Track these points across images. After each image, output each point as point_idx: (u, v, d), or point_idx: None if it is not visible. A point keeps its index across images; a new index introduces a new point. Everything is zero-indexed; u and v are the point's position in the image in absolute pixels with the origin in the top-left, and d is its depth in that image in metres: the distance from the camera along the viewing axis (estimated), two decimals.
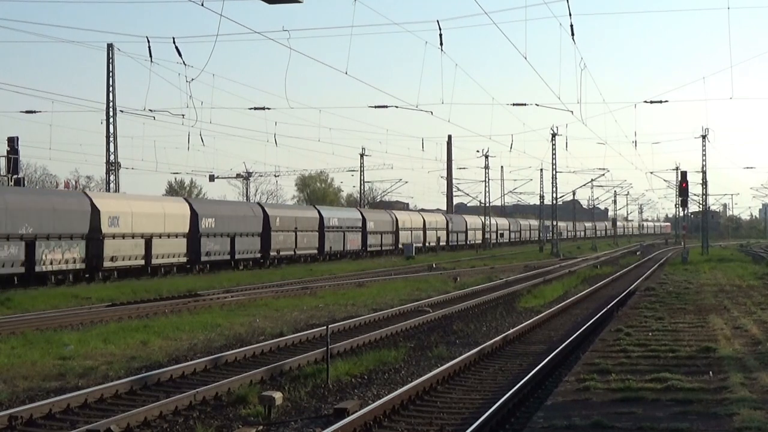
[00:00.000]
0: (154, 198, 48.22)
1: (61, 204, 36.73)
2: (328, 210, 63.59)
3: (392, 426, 11.79)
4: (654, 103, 49.79)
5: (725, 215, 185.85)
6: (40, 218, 34.72)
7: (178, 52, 27.84)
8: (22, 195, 36.78)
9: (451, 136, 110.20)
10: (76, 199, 38.60)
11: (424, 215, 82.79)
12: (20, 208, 34.00)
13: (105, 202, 39.79)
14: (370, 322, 23.40)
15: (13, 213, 33.44)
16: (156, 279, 40.06)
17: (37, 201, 35.92)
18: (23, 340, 19.13)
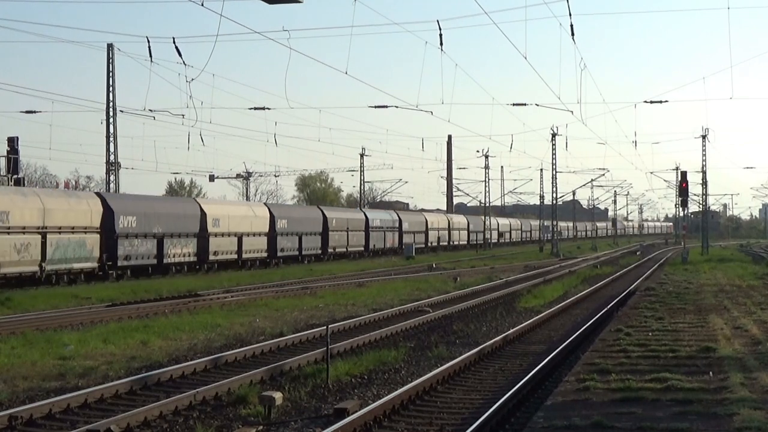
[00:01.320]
0: (242, 203, 58.42)
1: (180, 209, 45.04)
2: (372, 212, 71.04)
3: (392, 426, 11.79)
4: (654, 103, 49.84)
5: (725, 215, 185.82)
6: (167, 221, 42.60)
7: (178, 52, 27.86)
8: (154, 202, 45.03)
9: (451, 136, 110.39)
10: (190, 204, 47.30)
11: (449, 217, 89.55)
12: (153, 213, 41.80)
13: (209, 206, 47.61)
14: (370, 322, 23.40)
15: (149, 216, 41.32)
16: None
17: (164, 207, 44.47)
18: (23, 340, 19.12)
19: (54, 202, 36.25)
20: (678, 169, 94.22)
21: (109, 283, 37.08)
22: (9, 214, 33.13)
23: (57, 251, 35.54)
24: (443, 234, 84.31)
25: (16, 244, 33.35)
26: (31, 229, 34.29)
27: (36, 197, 35.63)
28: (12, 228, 33.30)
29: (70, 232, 36.47)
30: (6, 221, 32.90)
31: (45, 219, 35.01)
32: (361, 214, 67.18)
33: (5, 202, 33.36)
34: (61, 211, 36.13)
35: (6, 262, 32.67)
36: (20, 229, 33.73)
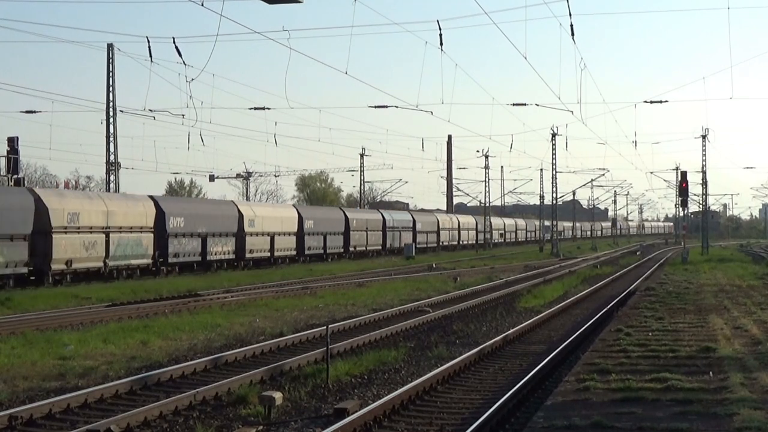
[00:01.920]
0: (273, 205, 62.24)
1: (220, 210, 48.86)
2: (388, 213, 74.18)
3: (392, 426, 11.79)
4: (654, 103, 49.85)
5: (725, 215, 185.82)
6: (210, 221, 46.27)
7: (178, 52, 27.89)
8: (198, 204, 51.34)
9: (451, 136, 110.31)
10: (229, 206, 50.85)
11: (459, 218, 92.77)
12: (198, 214, 45.75)
13: (246, 208, 51.56)
14: (370, 322, 23.40)
15: (194, 217, 45.11)
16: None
17: (207, 208, 48.76)
18: (23, 340, 19.12)
19: (115, 204, 40.13)
20: (678, 169, 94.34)
21: (110, 283, 37.10)
22: (79, 216, 36.94)
23: (118, 249, 39.40)
24: (453, 234, 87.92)
25: (85, 242, 37.27)
26: (97, 228, 38.14)
27: (100, 200, 39.84)
28: (81, 228, 37.08)
29: (128, 231, 40.30)
30: (77, 222, 36.72)
31: (108, 220, 38.84)
32: (379, 215, 70.78)
33: (76, 204, 37.25)
34: (121, 213, 39.96)
35: (77, 258, 36.54)
36: (88, 229, 37.54)
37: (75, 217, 36.63)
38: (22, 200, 34.59)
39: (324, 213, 62.83)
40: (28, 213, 34.25)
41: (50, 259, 35.10)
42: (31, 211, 34.45)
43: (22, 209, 34.11)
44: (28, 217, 34.26)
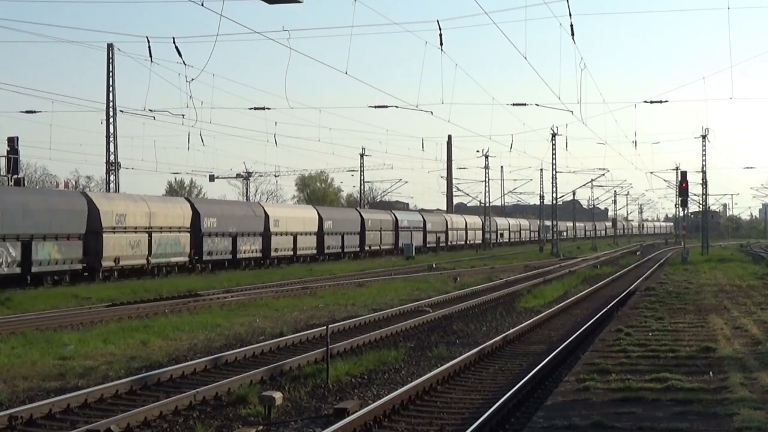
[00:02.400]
0: (296, 206, 65.96)
1: (249, 211, 52.21)
2: (400, 213, 77.71)
3: (392, 426, 11.79)
4: (654, 103, 49.84)
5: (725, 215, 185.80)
6: (239, 221, 49.11)
7: (178, 52, 27.89)
8: (228, 205, 53.15)
9: (451, 136, 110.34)
10: (256, 207, 54.30)
11: (466, 218, 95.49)
12: (229, 215, 48.63)
13: (271, 209, 55.18)
14: (370, 322, 23.40)
15: (226, 218, 47.99)
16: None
17: (237, 209, 51.75)
18: (23, 340, 19.12)
19: (156, 206, 43.29)
20: (678, 169, 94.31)
21: (110, 283, 37.13)
22: (126, 217, 40.20)
23: (159, 247, 42.49)
24: (461, 234, 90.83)
25: (131, 241, 40.41)
26: (140, 229, 41.19)
27: (143, 202, 42.76)
28: (128, 228, 40.32)
29: (168, 231, 43.38)
30: (123, 222, 39.99)
31: (150, 221, 41.88)
32: (392, 216, 73.79)
33: (122, 206, 40.43)
34: (162, 214, 43.00)
35: (124, 255, 39.80)
36: (133, 229, 40.68)
37: (122, 218, 39.90)
38: (76, 203, 37.91)
39: (342, 214, 66.45)
40: (82, 215, 37.55)
41: (101, 257, 38.32)
42: (85, 213, 37.69)
43: (77, 211, 37.38)
44: (82, 219, 37.50)
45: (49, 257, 35.32)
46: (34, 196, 37.53)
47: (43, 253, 35.02)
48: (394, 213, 75.58)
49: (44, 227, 35.10)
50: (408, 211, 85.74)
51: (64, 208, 36.74)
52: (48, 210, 35.62)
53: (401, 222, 74.09)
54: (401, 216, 75.84)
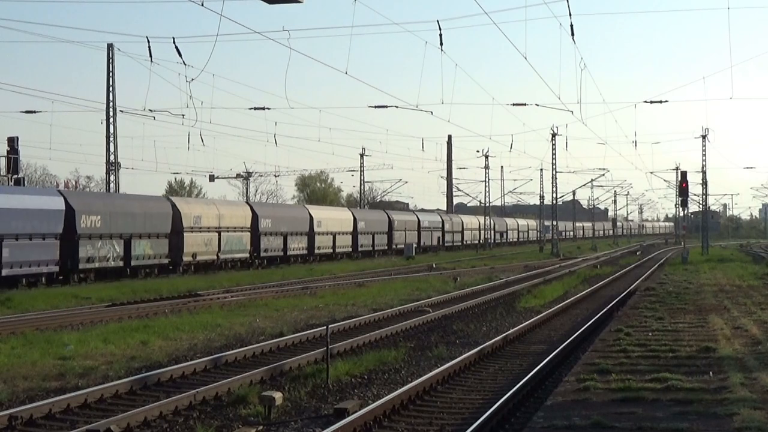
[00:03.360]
0: (335, 208, 72.74)
1: (296, 213, 58.41)
2: (422, 215, 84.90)
3: (392, 426, 11.79)
4: (654, 103, 49.81)
5: (725, 215, 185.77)
6: (288, 222, 55.55)
7: (178, 52, 27.87)
8: (279, 208, 60.90)
9: (451, 136, 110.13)
10: (302, 210, 60.65)
11: (479, 219, 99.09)
12: (281, 216, 55.41)
13: (315, 211, 61.36)
14: (370, 322, 23.40)
15: (278, 219, 54.48)
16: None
17: (286, 211, 58.61)
18: (23, 340, 19.13)
19: (224, 209, 49.57)
20: (678, 169, 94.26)
21: (110, 283, 37.12)
22: (201, 218, 46.00)
23: (227, 244, 48.36)
24: (475, 233, 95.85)
25: (205, 240, 46.32)
26: (212, 228, 46.95)
27: (214, 206, 49.26)
28: (202, 228, 46.09)
29: (233, 231, 49.24)
30: (199, 223, 45.82)
31: (220, 221, 47.69)
32: (415, 217, 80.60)
33: (198, 209, 46.72)
34: (228, 216, 48.82)
35: (200, 252, 45.84)
36: (207, 228, 46.45)
37: (198, 219, 45.79)
38: (164, 207, 44.26)
39: (373, 215, 72.34)
40: (168, 217, 43.62)
41: (182, 252, 44.22)
42: (170, 216, 43.72)
43: (164, 214, 43.44)
44: (168, 220, 43.49)
45: (144, 253, 41.53)
46: (133, 202, 43.10)
47: (139, 249, 41.13)
48: (417, 214, 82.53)
49: (141, 227, 41.26)
50: (429, 212, 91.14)
51: (155, 211, 42.95)
52: (143, 213, 41.83)
53: (423, 222, 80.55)
54: (423, 217, 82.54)
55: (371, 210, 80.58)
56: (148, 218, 41.85)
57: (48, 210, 35.69)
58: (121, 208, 40.85)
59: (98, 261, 38.47)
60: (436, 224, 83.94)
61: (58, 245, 36.01)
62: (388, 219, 72.19)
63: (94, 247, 38.14)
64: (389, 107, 47.74)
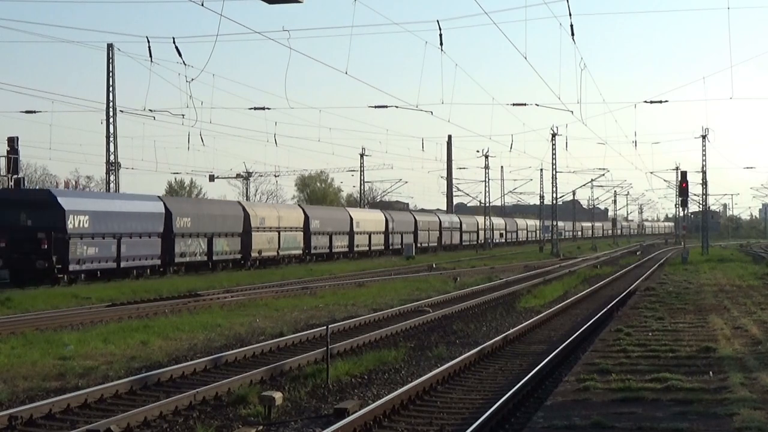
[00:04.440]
0: (369, 210, 78.11)
1: (339, 215, 65.93)
2: (443, 216, 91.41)
3: (392, 426, 11.79)
4: (654, 103, 49.85)
5: (725, 215, 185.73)
6: (333, 223, 62.85)
7: (178, 52, 27.90)
8: (325, 210, 67.81)
9: (451, 136, 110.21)
10: (344, 212, 68.12)
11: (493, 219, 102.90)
12: (326, 217, 62.24)
13: (354, 213, 67.95)
14: (370, 322, 23.40)
15: (325, 220, 61.46)
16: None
17: (331, 213, 66.06)
18: (23, 340, 19.12)
19: (282, 211, 56.53)
20: (678, 169, 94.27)
21: (110, 283, 37.13)
22: (265, 220, 52.68)
23: (285, 243, 55.22)
24: (488, 233, 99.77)
25: (268, 238, 53.06)
26: (273, 228, 53.66)
27: (274, 209, 56.66)
28: (266, 228, 52.78)
29: (290, 230, 56.10)
30: (264, 224, 52.48)
31: (279, 222, 54.49)
32: (437, 218, 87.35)
33: (262, 212, 53.55)
34: (286, 217, 55.75)
35: (264, 249, 52.38)
36: (269, 228, 53.20)
37: (263, 220, 52.25)
38: (237, 209, 50.99)
39: (400, 216, 78.88)
40: (240, 218, 50.02)
41: (250, 249, 50.57)
42: (241, 217, 50.04)
43: (237, 216, 49.99)
44: (240, 221, 49.94)
45: (222, 249, 48.05)
46: (214, 205, 51.65)
47: (219, 246, 47.66)
48: (438, 216, 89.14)
49: (220, 227, 47.82)
50: (450, 214, 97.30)
51: (230, 213, 49.51)
52: (222, 215, 48.58)
53: (444, 223, 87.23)
54: (444, 218, 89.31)
55: (398, 212, 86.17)
56: (225, 219, 48.46)
57: (152, 213, 42.44)
58: (206, 210, 48.13)
59: (189, 256, 45.04)
60: (455, 225, 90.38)
61: (159, 242, 42.54)
62: (414, 220, 79.67)
63: (186, 244, 44.70)
64: (389, 107, 47.85)
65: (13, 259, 35.61)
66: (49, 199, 37.06)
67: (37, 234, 35.70)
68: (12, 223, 36.03)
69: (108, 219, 38.98)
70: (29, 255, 35.36)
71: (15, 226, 35.99)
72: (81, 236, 37.17)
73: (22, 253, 35.47)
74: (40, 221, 36.11)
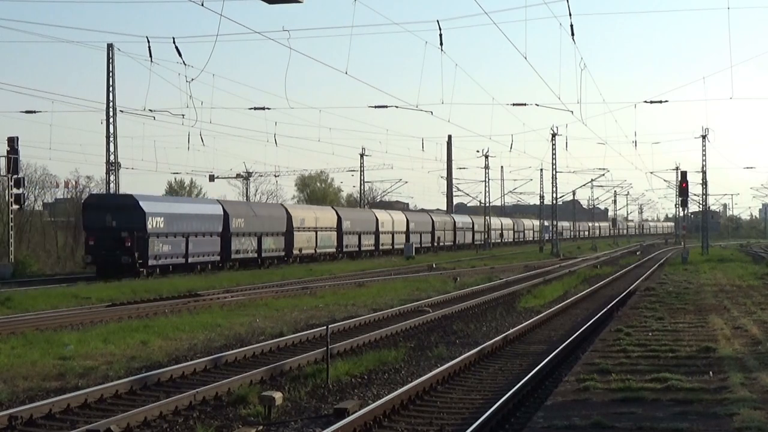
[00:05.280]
0: (393, 212, 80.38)
1: (366, 216, 70.77)
2: (457, 217, 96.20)
3: (392, 426, 11.79)
4: (654, 103, 49.85)
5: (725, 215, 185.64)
6: (361, 223, 67.72)
7: (178, 52, 27.95)
8: (356, 212, 72.58)
9: (451, 136, 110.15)
10: (370, 213, 73.29)
11: (502, 220, 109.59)
12: (356, 218, 67.58)
13: (380, 214, 73.15)
14: (370, 322, 23.40)
15: (354, 221, 66.17)
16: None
17: (359, 214, 70.76)
18: (23, 340, 19.12)
19: (319, 213, 61.40)
20: (678, 169, 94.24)
21: (110, 283, 37.11)
22: (304, 221, 57.74)
23: (321, 241, 60.13)
24: (497, 233, 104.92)
25: (307, 237, 58.09)
26: (311, 228, 58.67)
27: (312, 210, 61.68)
28: (306, 228, 57.84)
29: (325, 230, 60.77)
30: (304, 224, 57.59)
31: (317, 223, 59.41)
32: (451, 218, 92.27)
33: (302, 213, 58.40)
34: (322, 218, 60.47)
35: (304, 247, 57.61)
36: (308, 228, 58.20)
37: (302, 221, 57.40)
38: (280, 212, 56.30)
39: (419, 217, 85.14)
40: (283, 219, 55.27)
41: (292, 247, 55.84)
42: (284, 218, 55.32)
43: (281, 217, 55.19)
44: (283, 222, 55.12)
45: (269, 247, 53.08)
46: (262, 207, 56.88)
47: (266, 244, 52.52)
48: (453, 217, 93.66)
49: (267, 228, 52.79)
50: (462, 215, 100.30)
51: (276, 215, 54.81)
52: (269, 216, 53.65)
53: (458, 223, 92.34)
54: (458, 219, 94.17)
55: (417, 213, 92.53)
56: (272, 220, 53.51)
57: (213, 215, 47.59)
58: (256, 212, 52.72)
59: (242, 253, 49.72)
60: (468, 225, 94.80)
61: (219, 240, 47.54)
62: (431, 221, 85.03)
63: (240, 242, 49.56)
64: (389, 107, 47.86)
65: (101, 255, 40.74)
66: (132, 203, 42.10)
67: (121, 233, 40.86)
68: (99, 225, 41.23)
69: (178, 220, 44.13)
70: (114, 252, 40.46)
71: (102, 227, 41.11)
72: (158, 235, 42.31)
73: (108, 250, 40.47)
74: (124, 222, 41.12)
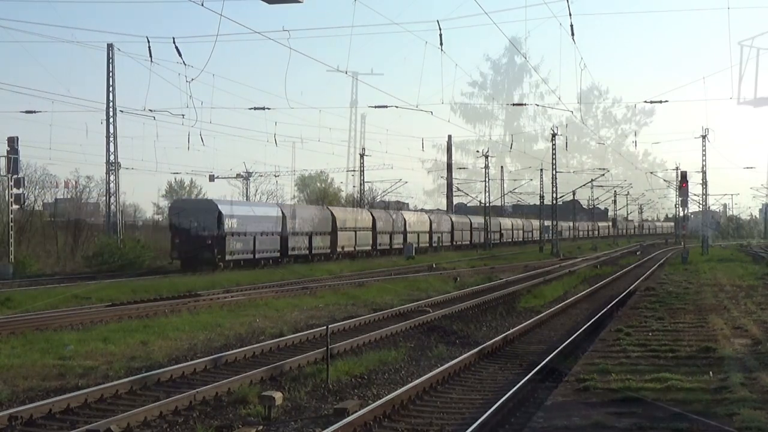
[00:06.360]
0: (417, 212, 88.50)
1: (397, 217, 74.49)
2: (473, 218, 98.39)
3: (392, 426, 11.79)
4: (654, 103, 49.87)
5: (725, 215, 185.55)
6: (393, 224, 72.40)
7: (178, 52, 27.88)
8: (387, 214, 75.13)
9: (451, 136, 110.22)
10: (398, 214, 76.95)
11: (512, 220, 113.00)
12: (387, 220, 71.57)
13: (407, 216, 77.59)
14: (370, 322, 23.39)
15: (386, 222, 71.18)
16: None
17: (391, 216, 73.52)
18: (23, 340, 19.12)
19: (357, 214, 66.83)
20: (678, 169, 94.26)
21: (110, 283, 37.08)
22: (346, 222, 62.80)
23: (359, 240, 64.71)
24: (508, 232, 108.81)
25: (348, 237, 62.84)
26: (351, 228, 63.55)
27: (351, 213, 66.85)
28: (347, 228, 62.80)
29: (363, 230, 65.81)
30: (345, 225, 62.45)
31: (356, 223, 64.53)
32: (468, 219, 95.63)
33: (344, 215, 63.73)
34: (360, 219, 65.96)
35: (346, 245, 62.16)
36: (347, 229, 62.85)
37: (344, 222, 62.49)
38: (326, 213, 61.20)
39: (439, 218, 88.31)
40: (329, 220, 60.46)
41: (336, 245, 60.59)
42: (329, 219, 60.47)
43: (328, 218, 60.34)
44: (329, 222, 60.12)
45: (318, 245, 58.14)
46: (311, 210, 61.56)
47: (316, 242, 57.85)
48: (470, 217, 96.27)
49: (316, 228, 58.22)
50: (474, 216, 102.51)
51: (322, 216, 59.98)
52: (318, 217, 59.00)
53: (473, 223, 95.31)
54: (474, 219, 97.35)
55: (436, 214, 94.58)
56: (320, 221, 58.93)
57: (273, 216, 53.63)
58: (307, 214, 58.70)
59: (297, 250, 55.46)
60: (480, 225, 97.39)
61: (278, 239, 53.29)
62: (450, 221, 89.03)
63: (295, 240, 55.18)
64: (389, 107, 47.86)
65: (185, 252, 46.70)
66: (211, 206, 48.35)
67: (203, 233, 46.92)
68: (184, 225, 47.19)
69: (248, 221, 50.07)
70: (197, 248, 46.41)
71: (187, 227, 47.04)
72: (233, 234, 48.21)
73: (191, 247, 46.39)
74: (205, 223, 46.97)
